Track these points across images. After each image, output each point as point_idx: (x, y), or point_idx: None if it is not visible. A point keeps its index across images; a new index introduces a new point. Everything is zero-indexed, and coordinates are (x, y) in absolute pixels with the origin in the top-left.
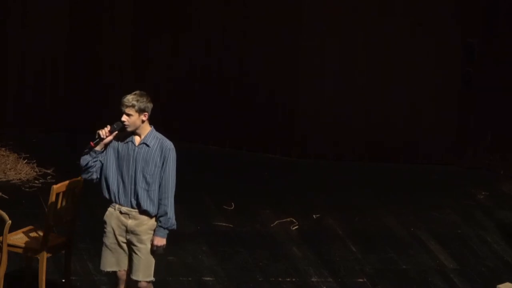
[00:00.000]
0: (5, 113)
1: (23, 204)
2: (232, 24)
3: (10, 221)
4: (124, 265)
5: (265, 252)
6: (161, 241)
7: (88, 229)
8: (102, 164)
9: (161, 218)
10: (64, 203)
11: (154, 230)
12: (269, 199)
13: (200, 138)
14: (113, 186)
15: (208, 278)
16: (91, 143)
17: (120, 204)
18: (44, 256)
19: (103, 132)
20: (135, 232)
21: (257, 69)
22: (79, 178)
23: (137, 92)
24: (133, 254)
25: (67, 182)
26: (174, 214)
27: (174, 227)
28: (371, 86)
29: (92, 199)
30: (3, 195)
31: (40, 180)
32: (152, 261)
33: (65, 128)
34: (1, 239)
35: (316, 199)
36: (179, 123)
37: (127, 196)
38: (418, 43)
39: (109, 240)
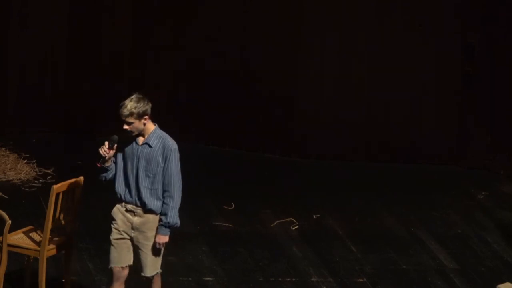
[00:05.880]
0: (5, 113)
1: (23, 204)
2: (232, 24)
3: (10, 221)
4: (125, 262)
5: (265, 252)
6: (163, 239)
7: (88, 229)
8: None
9: (162, 217)
10: (64, 203)
11: (157, 228)
12: (269, 199)
13: (200, 138)
14: (119, 185)
15: (208, 278)
16: (98, 165)
17: (126, 202)
18: (44, 256)
19: (103, 151)
20: (141, 230)
21: (257, 69)
22: (79, 178)
23: (134, 97)
24: (139, 251)
25: (67, 182)
26: (177, 213)
27: (177, 225)
28: (371, 86)
29: (92, 199)
30: (3, 195)
31: (40, 180)
32: (158, 255)
33: (65, 128)
34: (1, 239)
35: (316, 199)
36: (178, 123)
37: (131, 194)
38: (418, 43)
39: (113, 236)
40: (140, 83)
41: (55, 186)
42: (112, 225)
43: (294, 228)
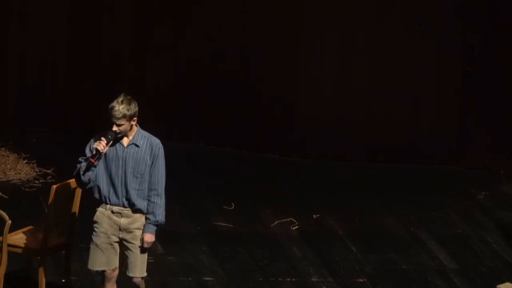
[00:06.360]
0: (5, 113)
1: (23, 204)
2: (232, 24)
3: (10, 221)
4: (114, 265)
5: (265, 252)
6: (150, 237)
7: (88, 229)
8: None
9: (149, 216)
10: (64, 203)
11: (143, 226)
12: (269, 199)
13: (200, 138)
14: (103, 188)
15: (208, 278)
16: (92, 161)
17: (111, 204)
18: (44, 256)
19: (101, 146)
20: (129, 230)
21: (257, 69)
22: None
23: (123, 99)
24: (128, 251)
25: (67, 182)
26: (164, 211)
27: (163, 223)
28: (371, 85)
29: (92, 199)
30: (3, 195)
31: (40, 180)
32: (146, 255)
33: (65, 128)
34: (1, 239)
35: (316, 199)
36: (178, 123)
37: (118, 196)
38: (418, 43)
39: (100, 240)
40: (140, 83)
41: (55, 186)
42: (96, 229)
43: (294, 228)
